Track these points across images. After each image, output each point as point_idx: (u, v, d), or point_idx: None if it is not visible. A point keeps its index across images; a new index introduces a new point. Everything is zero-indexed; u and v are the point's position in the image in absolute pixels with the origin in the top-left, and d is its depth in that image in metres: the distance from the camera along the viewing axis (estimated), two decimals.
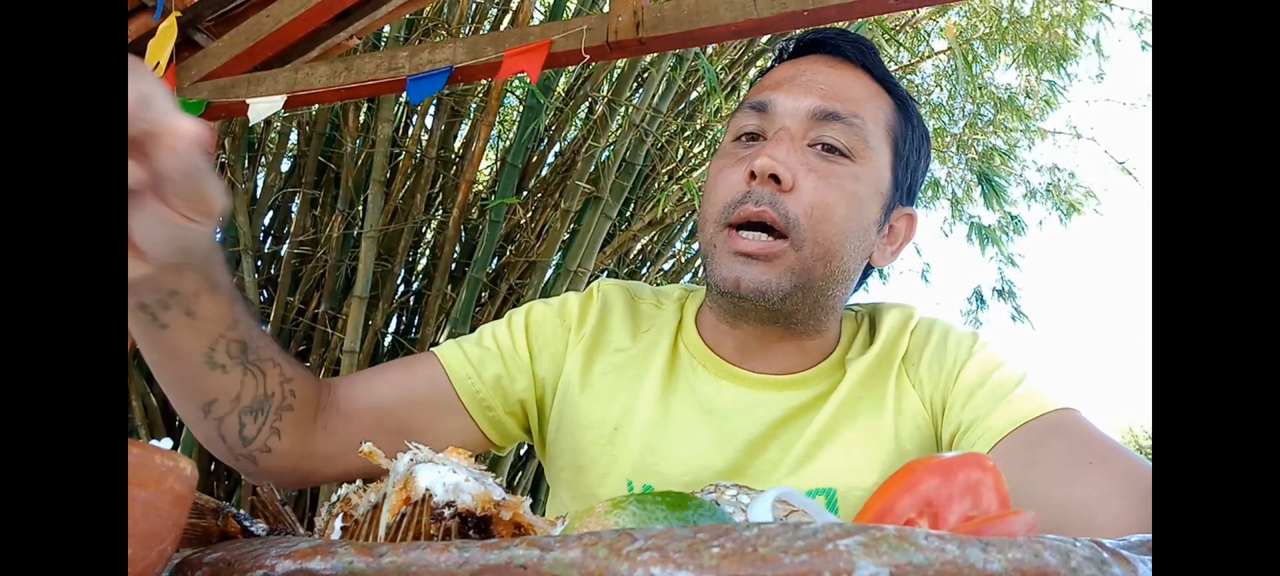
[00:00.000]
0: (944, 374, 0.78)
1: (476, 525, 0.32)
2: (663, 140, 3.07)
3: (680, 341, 0.84)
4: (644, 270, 3.63)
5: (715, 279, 0.74)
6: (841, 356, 0.81)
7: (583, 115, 3.28)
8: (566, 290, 1.02)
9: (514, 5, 3.08)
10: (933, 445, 0.78)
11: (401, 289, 3.22)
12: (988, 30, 3.92)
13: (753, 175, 0.71)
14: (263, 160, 3.18)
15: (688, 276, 3.74)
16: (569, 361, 0.83)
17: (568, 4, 3.00)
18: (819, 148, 0.74)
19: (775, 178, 0.71)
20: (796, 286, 0.72)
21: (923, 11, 3.78)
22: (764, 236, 0.72)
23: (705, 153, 3.38)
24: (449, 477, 0.32)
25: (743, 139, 0.78)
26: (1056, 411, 0.68)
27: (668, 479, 0.77)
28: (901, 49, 4.08)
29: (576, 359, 0.83)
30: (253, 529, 0.36)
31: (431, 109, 3.08)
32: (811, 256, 0.72)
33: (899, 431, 0.77)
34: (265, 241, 3.25)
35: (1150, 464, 0.62)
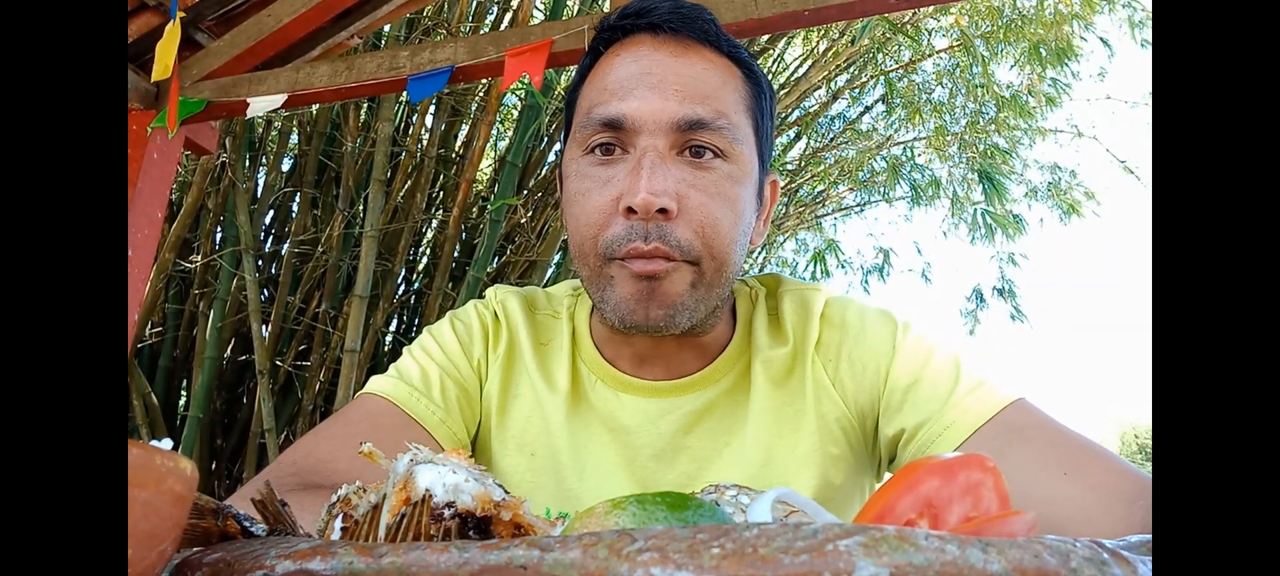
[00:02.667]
0: (868, 373, 0.74)
1: (476, 525, 0.32)
2: None
3: (577, 357, 0.81)
4: None
5: (619, 314, 0.68)
6: (743, 343, 0.78)
7: None
8: None
9: (514, 4, 3.08)
10: (861, 449, 0.76)
11: (402, 288, 3.22)
12: (990, 28, 3.92)
13: (631, 209, 0.65)
14: (263, 159, 3.18)
15: None
16: (490, 384, 0.81)
17: (567, 3, 3.00)
18: (688, 153, 0.68)
19: (661, 209, 0.65)
20: (699, 301, 0.69)
21: (924, 11, 3.78)
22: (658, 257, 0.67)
23: None
24: (449, 478, 0.32)
25: (596, 152, 0.70)
26: (1009, 407, 0.66)
27: (584, 504, 0.75)
28: (903, 47, 4.08)
29: (495, 381, 0.81)
30: (253, 529, 0.36)
31: (431, 108, 3.08)
32: (709, 271, 0.68)
33: (823, 438, 0.74)
34: (266, 241, 3.26)
35: (1122, 459, 0.61)
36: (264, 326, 2.88)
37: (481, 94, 3.05)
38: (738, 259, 0.71)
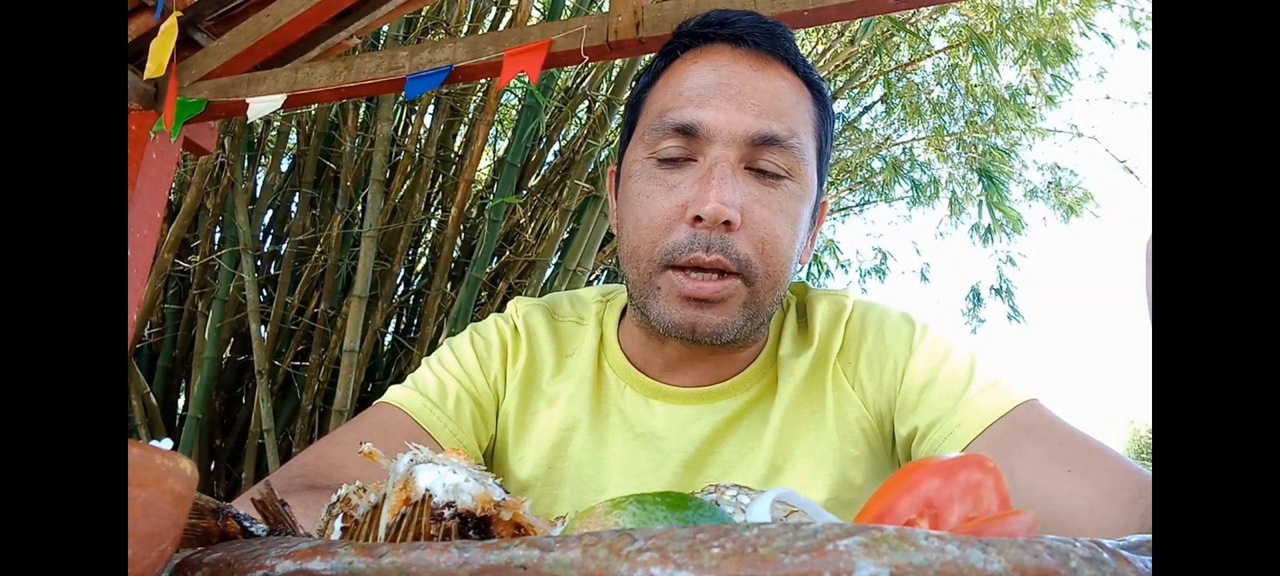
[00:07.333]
0: (886, 374, 0.75)
1: (476, 525, 0.32)
2: None
3: (604, 361, 0.81)
4: None
5: (664, 322, 0.69)
6: (772, 352, 0.78)
7: (582, 114, 3.28)
8: (565, 289, 1.00)
9: (513, 4, 3.08)
10: (881, 449, 0.76)
11: (401, 288, 3.22)
12: (988, 28, 3.92)
13: (698, 217, 0.66)
14: (262, 159, 3.18)
15: None
16: (507, 400, 0.81)
17: (565, 3, 3.00)
18: (756, 168, 0.69)
19: (726, 221, 0.66)
20: (749, 319, 0.69)
21: (923, 11, 3.78)
22: (715, 276, 0.67)
23: None
24: (449, 478, 0.32)
25: (664, 156, 0.70)
26: (1020, 406, 0.67)
27: None
28: (902, 46, 4.08)
29: (514, 397, 0.81)
30: (253, 529, 0.36)
31: (430, 108, 3.08)
32: (763, 288, 0.69)
33: (842, 440, 0.74)
34: (265, 240, 3.25)
35: (1128, 459, 0.62)
36: (263, 326, 2.87)
37: (481, 94, 3.05)
38: (789, 276, 0.72)
